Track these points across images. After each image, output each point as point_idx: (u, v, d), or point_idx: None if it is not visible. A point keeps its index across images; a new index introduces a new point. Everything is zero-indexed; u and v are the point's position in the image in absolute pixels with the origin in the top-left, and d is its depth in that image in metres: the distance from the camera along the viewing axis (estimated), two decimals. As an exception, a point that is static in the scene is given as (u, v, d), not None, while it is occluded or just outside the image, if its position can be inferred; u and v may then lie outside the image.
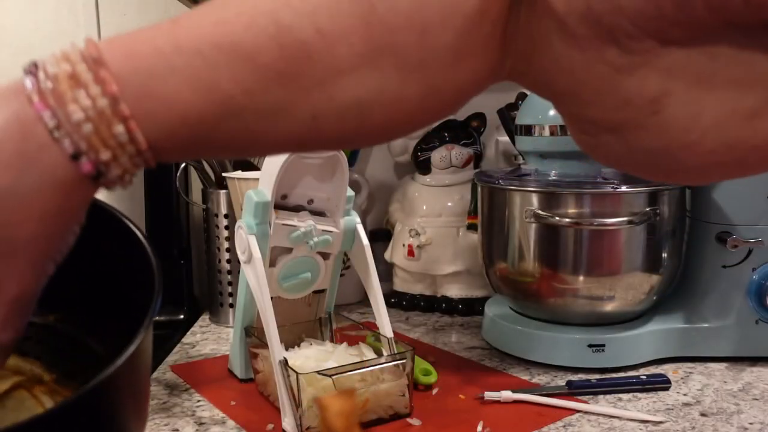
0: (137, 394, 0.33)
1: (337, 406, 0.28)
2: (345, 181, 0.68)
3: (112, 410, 0.31)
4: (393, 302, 1.03)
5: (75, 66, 0.27)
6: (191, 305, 1.06)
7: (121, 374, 0.30)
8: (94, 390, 0.28)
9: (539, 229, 0.77)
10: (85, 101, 0.27)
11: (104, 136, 0.27)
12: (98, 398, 0.29)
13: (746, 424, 0.63)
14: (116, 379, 0.30)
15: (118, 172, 0.29)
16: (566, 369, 0.76)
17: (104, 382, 0.28)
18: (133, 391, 0.32)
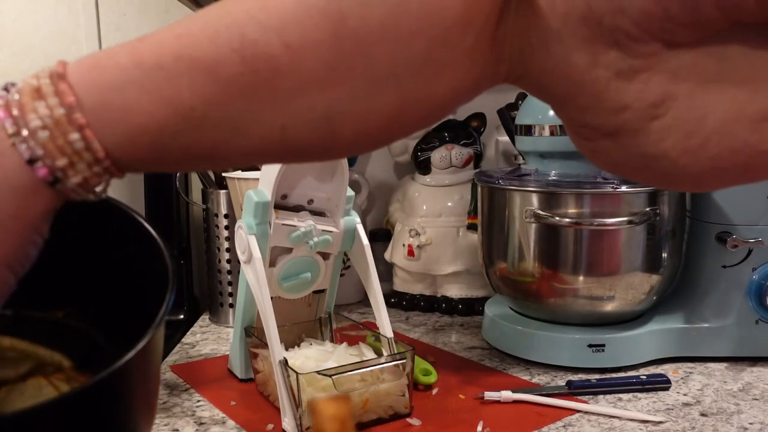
0: (148, 388, 0.33)
1: (331, 410, 0.28)
2: (345, 181, 0.68)
3: (124, 401, 0.31)
4: (393, 302, 1.03)
5: (40, 80, 0.29)
6: (191, 305, 1.06)
7: (135, 365, 0.30)
8: (109, 378, 0.28)
9: (539, 229, 0.77)
10: (43, 110, 0.28)
11: (60, 143, 0.28)
12: (111, 387, 0.29)
13: (746, 424, 0.63)
14: (130, 369, 0.30)
15: (77, 179, 0.29)
16: (566, 369, 0.76)
17: (118, 371, 0.28)
18: (145, 384, 0.32)
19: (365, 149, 0.32)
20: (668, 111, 0.28)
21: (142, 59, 0.28)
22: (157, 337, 0.32)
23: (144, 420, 0.33)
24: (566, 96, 0.30)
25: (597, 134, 0.30)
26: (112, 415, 0.30)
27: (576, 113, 0.30)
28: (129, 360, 0.29)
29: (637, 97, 0.28)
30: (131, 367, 0.29)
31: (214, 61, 0.28)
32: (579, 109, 0.30)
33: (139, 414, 0.32)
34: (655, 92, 0.28)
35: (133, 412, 0.32)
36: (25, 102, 0.28)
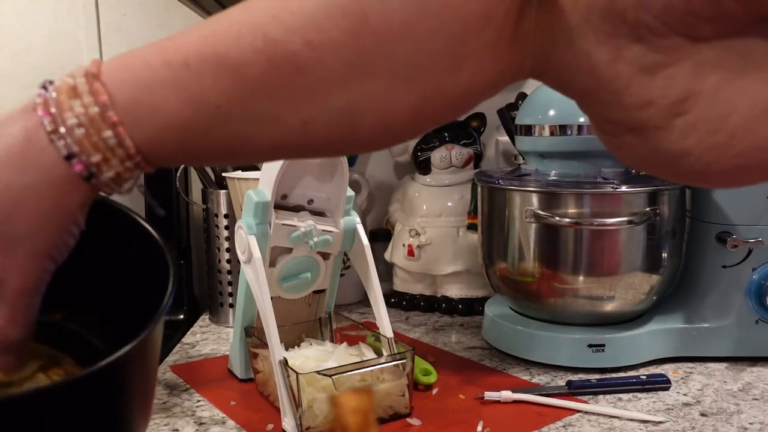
0: (145, 382, 0.33)
1: (352, 404, 0.28)
2: (345, 181, 0.68)
3: (121, 392, 0.31)
4: (393, 302, 1.03)
5: (76, 79, 0.30)
6: (191, 305, 1.06)
7: (134, 357, 0.30)
8: (107, 367, 0.28)
9: (539, 229, 0.77)
10: (79, 109, 0.29)
11: (94, 139, 0.30)
12: (109, 377, 0.29)
13: (746, 424, 0.63)
14: (128, 361, 0.30)
15: (110, 174, 0.31)
16: (566, 369, 0.76)
17: (117, 362, 0.28)
18: (142, 378, 0.32)
19: (387, 143, 0.33)
20: (692, 108, 0.28)
21: (169, 58, 0.29)
22: (156, 332, 0.32)
23: (140, 414, 0.33)
24: (590, 91, 0.30)
25: (621, 130, 0.30)
26: (109, 406, 0.30)
27: (600, 108, 0.31)
28: (128, 351, 0.29)
29: (661, 93, 0.28)
30: (130, 358, 0.29)
31: (238, 60, 0.29)
32: (603, 105, 0.30)
33: (135, 407, 0.32)
34: (679, 88, 0.27)
35: (130, 406, 0.32)
36: (62, 100, 0.30)
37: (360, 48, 0.28)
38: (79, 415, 0.29)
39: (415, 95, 0.30)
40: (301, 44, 0.28)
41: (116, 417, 0.31)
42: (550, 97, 0.80)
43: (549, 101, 0.79)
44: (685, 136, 0.28)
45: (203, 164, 0.34)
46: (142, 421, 0.34)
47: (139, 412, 0.33)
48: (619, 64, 0.28)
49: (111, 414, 0.30)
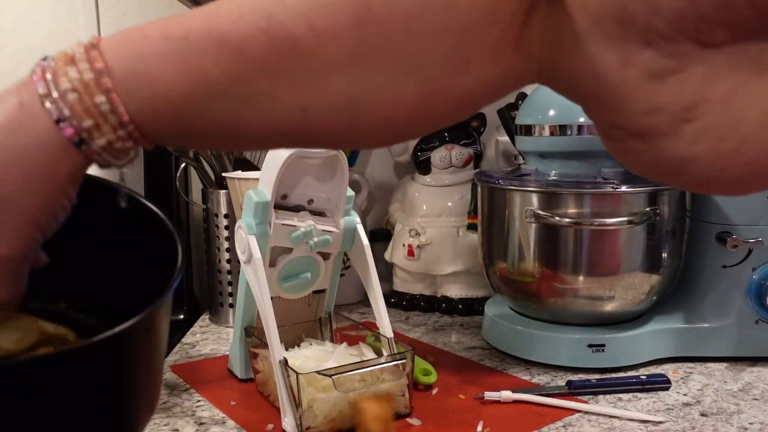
0: (149, 365, 0.32)
1: (375, 410, 0.29)
2: (345, 181, 0.68)
3: (122, 370, 0.30)
4: (393, 302, 1.03)
5: (74, 49, 0.30)
6: (191, 305, 1.06)
7: (137, 333, 0.29)
8: (112, 339, 0.28)
9: (539, 229, 0.77)
10: (73, 74, 0.30)
11: (87, 104, 0.30)
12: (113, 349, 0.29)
13: (746, 424, 0.63)
14: (131, 337, 0.29)
15: (102, 141, 0.30)
16: (566, 369, 0.76)
17: (122, 333, 0.28)
18: (146, 358, 0.32)
19: (388, 140, 0.33)
20: (702, 114, 0.27)
21: (169, 33, 0.30)
22: (163, 309, 0.31)
23: (143, 396, 0.32)
24: (597, 96, 0.30)
25: (627, 135, 0.30)
26: (110, 381, 0.29)
27: (607, 114, 0.30)
28: (133, 324, 0.28)
29: (670, 99, 0.27)
30: (134, 333, 0.29)
31: (240, 39, 0.29)
32: (610, 110, 0.30)
33: (138, 386, 0.31)
34: (689, 94, 0.27)
35: (132, 384, 0.31)
36: (59, 67, 0.30)
37: (363, 37, 0.28)
38: (78, 387, 0.28)
39: (417, 92, 0.30)
40: (305, 28, 0.28)
41: (117, 394, 0.30)
42: (550, 97, 0.79)
43: (549, 101, 0.79)
44: (694, 143, 0.28)
45: (199, 145, 0.33)
46: (144, 404, 0.33)
47: (142, 395, 0.32)
48: (628, 69, 0.28)
49: (111, 390, 0.30)
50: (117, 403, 0.30)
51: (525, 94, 0.93)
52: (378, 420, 0.29)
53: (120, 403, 0.30)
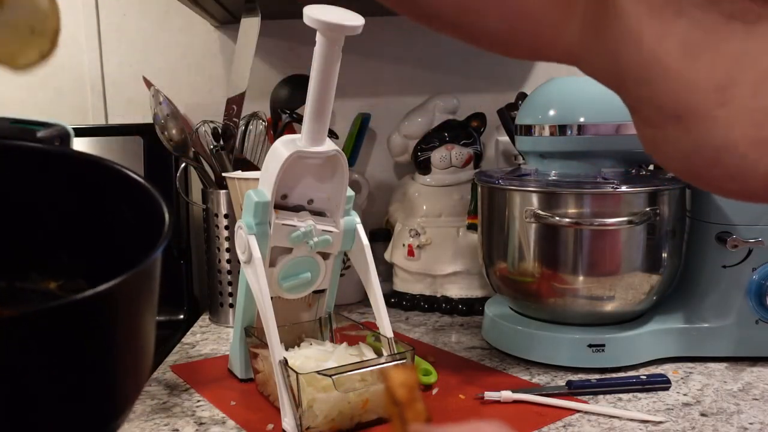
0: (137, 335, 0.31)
1: (401, 377, 0.29)
2: (345, 181, 0.68)
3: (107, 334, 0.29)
4: (393, 302, 1.03)
5: None
6: (191, 305, 1.06)
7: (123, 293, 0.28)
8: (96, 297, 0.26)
9: (539, 229, 0.77)
10: None
11: None
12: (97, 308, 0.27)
13: (746, 424, 0.63)
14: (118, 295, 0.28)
15: None
16: (566, 369, 0.76)
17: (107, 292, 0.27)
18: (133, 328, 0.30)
19: None
20: (734, 97, 0.26)
21: None
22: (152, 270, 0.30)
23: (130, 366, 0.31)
24: (635, 67, 0.28)
25: (664, 117, 0.29)
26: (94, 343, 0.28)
27: (644, 89, 0.29)
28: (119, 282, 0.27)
29: (705, 76, 0.26)
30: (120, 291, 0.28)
31: None
32: (647, 85, 0.29)
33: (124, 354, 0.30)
34: (722, 74, 0.26)
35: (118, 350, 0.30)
36: None
37: None
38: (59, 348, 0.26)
39: None
40: None
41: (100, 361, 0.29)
42: (550, 97, 0.80)
43: (549, 101, 0.79)
44: (729, 128, 0.27)
45: None
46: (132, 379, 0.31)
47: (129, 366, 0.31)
48: (667, 39, 0.27)
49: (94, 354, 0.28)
50: (100, 371, 0.29)
51: (525, 94, 0.93)
52: (403, 386, 0.29)
53: (104, 372, 0.29)
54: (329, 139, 0.65)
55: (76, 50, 1.10)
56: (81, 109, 1.11)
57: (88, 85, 1.11)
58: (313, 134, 0.63)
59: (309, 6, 0.57)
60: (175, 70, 1.12)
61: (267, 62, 1.12)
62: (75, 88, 1.11)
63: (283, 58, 1.12)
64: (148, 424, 0.65)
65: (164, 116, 0.95)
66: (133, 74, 1.09)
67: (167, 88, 0.99)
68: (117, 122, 1.11)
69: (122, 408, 0.31)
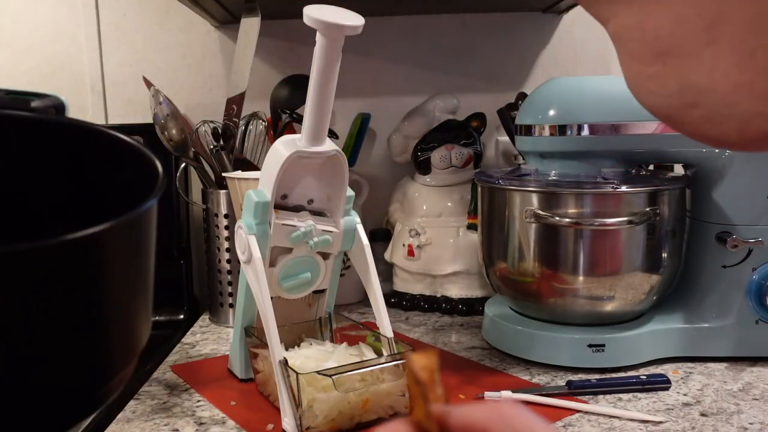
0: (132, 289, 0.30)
1: (422, 361, 0.30)
2: (345, 181, 0.68)
3: (98, 283, 0.27)
4: (393, 302, 1.03)
5: None
6: (191, 305, 1.06)
7: (115, 238, 0.27)
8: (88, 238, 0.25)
9: (539, 229, 0.77)
10: None
11: None
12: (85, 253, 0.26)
13: (746, 424, 0.63)
14: (109, 239, 0.27)
15: None
16: (566, 369, 0.76)
17: (99, 234, 0.25)
18: (128, 280, 0.29)
19: None
20: (723, 35, 0.26)
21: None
22: (146, 218, 0.29)
23: (121, 320, 0.29)
24: None
25: (652, 54, 0.29)
26: (84, 291, 0.27)
27: (634, 18, 0.29)
28: (110, 226, 0.26)
29: (695, 12, 0.26)
30: (112, 236, 0.26)
31: None
32: (637, 13, 0.28)
33: (114, 303, 0.29)
34: (712, 9, 0.26)
35: (109, 301, 0.28)
36: None
37: None
38: (47, 293, 0.25)
39: None
40: None
41: (89, 311, 0.27)
42: (550, 97, 0.80)
43: (549, 101, 0.79)
44: (713, 68, 0.27)
45: None
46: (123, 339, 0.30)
47: (120, 321, 0.29)
48: None
49: (83, 305, 0.27)
50: (90, 321, 0.27)
51: (525, 94, 0.93)
52: (425, 369, 0.30)
53: (94, 322, 0.27)
54: (329, 139, 0.65)
55: (76, 50, 1.10)
56: (81, 109, 1.11)
57: (88, 85, 1.11)
58: (313, 134, 0.63)
59: (309, 6, 0.57)
60: (175, 70, 1.12)
61: (267, 62, 1.12)
62: (75, 88, 1.11)
63: (283, 58, 1.12)
64: (148, 424, 0.65)
65: (164, 116, 0.95)
66: (133, 74, 1.09)
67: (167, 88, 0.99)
68: (117, 122, 1.11)
69: (113, 370, 0.29)
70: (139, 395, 0.72)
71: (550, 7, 1.08)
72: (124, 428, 0.64)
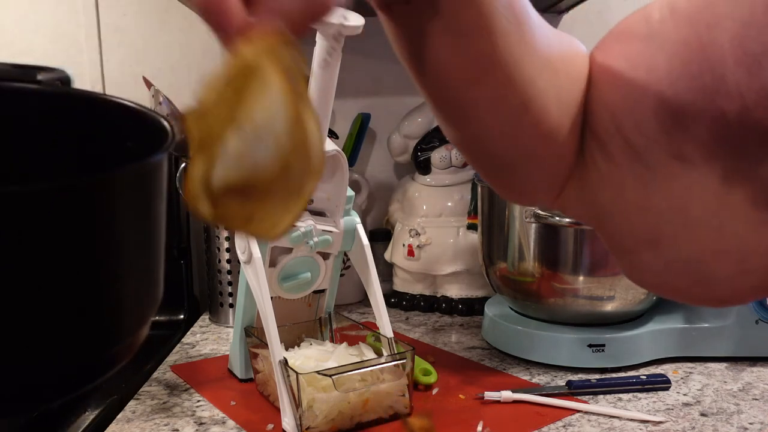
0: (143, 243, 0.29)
1: (419, 423, 0.32)
2: (345, 181, 0.68)
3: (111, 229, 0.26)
4: (393, 302, 1.03)
5: None
6: (191, 305, 1.06)
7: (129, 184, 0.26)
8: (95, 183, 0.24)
9: (539, 229, 0.77)
10: None
11: None
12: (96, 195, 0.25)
13: (746, 424, 0.63)
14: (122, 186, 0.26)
15: None
16: (566, 369, 0.76)
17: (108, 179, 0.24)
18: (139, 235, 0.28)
19: None
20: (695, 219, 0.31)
21: None
22: (155, 171, 0.28)
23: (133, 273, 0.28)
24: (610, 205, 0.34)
25: (638, 243, 0.33)
26: (93, 234, 0.25)
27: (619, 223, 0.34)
28: (123, 173, 0.25)
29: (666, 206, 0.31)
30: (124, 182, 0.26)
31: None
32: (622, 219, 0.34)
33: (126, 257, 0.27)
34: (677, 201, 0.31)
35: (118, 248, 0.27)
36: None
37: None
38: (62, 233, 0.24)
39: None
40: None
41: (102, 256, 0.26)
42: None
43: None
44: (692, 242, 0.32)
45: None
46: (135, 290, 0.29)
47: (131, 274, 0.28)
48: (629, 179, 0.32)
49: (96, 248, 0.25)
50: (101, 274, 0.26)
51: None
52: (422, 430, 0.32)
53: (105, 275, 0.26)
54: (329, 139, 0.65)
55: (76, 50, 1.10)
56: (81, 109, 1.10)
57: (88, 85, 1.11)
58: (313, 134, 0.63)
59: (309, 6, 0.56)
60: (175, 70, 1.12)
61: (267, 62, 1.12)
62: (75, 88, 1.11)
63: (283, 58, 1.12)
64: (148, 424, 0.65)
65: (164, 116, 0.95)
66: (133, 74, 1.09)
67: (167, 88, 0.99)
68: (117, 122, 1.11)
69: (123, 331, 0.28)
70: (139, 395, 0.72)
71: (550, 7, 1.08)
72: (124, 428, 0.64)
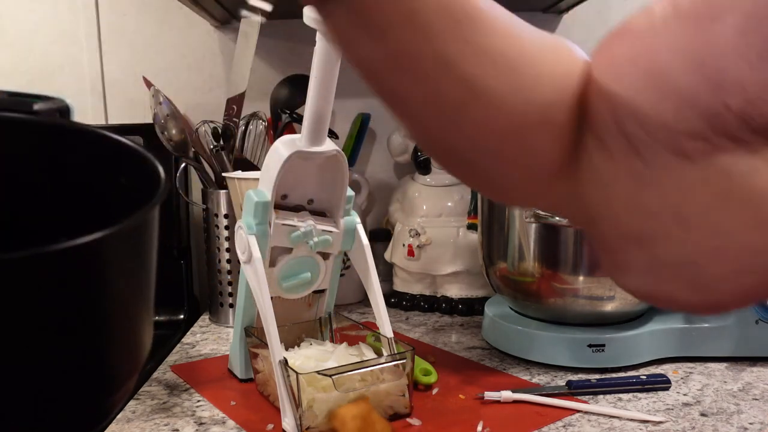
0: (134, 294, 0.29)
1: (352, 411, 0.30)
2: (345, 181, 0.68)
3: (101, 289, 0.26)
4: (393, 302, 1.03)
5: None
6: (191, 305, 1.06)
7: (120, 242, 0.26)
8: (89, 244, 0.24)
9: (539, 229, 0.77)
10: None
11: None
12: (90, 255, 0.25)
13: (746, 424, 0.63)
14: (114, 244, 0.26)
15: None
16: (566, 369, 0.76)
17: (101, 240, 0.25)
18: (130, 286, 0.28)
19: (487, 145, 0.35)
20: (688, 220, 0.30)
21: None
22: (147, 223, 0.29)
23: (122, 331, 0.28)
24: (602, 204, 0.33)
25: (627, 242, 0.33)
26: (86, 292, 0.26)
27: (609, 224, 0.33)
28: (113, 232, 0.25)
29: (661, 205, 0.30)
30: (114, 241, 0.26)
31: None
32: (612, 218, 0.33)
33: (117, 313, 0.28)
34: (673, 201, 0.30)
35: (110, 303, 0.27)
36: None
37: None
38: (54, 295, 0.24)
39: None
40: None
41: (94, 314, 0.26)
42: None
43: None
44: (684, 243, 0.30)
45: None
46: (126, 351, 0.29)
47: (121, 332, 0.28)
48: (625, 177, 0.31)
49: (88, 306, 0.26)
50: (93, 331, 0.26)
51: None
52: (355, 419, 0.30)
53: (97, 332, 0.27)
54: (329, 139, 0.65)
55: (76, 50, 1.10)
56: (81, 110, 1.11)
57: (88, 85, 1.11)
58: (313, 134, 0.63)
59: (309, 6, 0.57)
60: (175, 70, 1.12)
61: (267, 62, 1.12)
62: (75, 89, 1.11)
63: (283, 58, 1.12)
64: (148, 424, 0.65)
65: (164, 116, 0.95)
66: (133, 74, 1.09)
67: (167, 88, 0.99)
68: (117, 122, 1.11)
69: (118, 381, 0.29)
70: (139, 395, 0.72)
71: (550, 7, 1.08)
72: (124, 428, 0.64)
